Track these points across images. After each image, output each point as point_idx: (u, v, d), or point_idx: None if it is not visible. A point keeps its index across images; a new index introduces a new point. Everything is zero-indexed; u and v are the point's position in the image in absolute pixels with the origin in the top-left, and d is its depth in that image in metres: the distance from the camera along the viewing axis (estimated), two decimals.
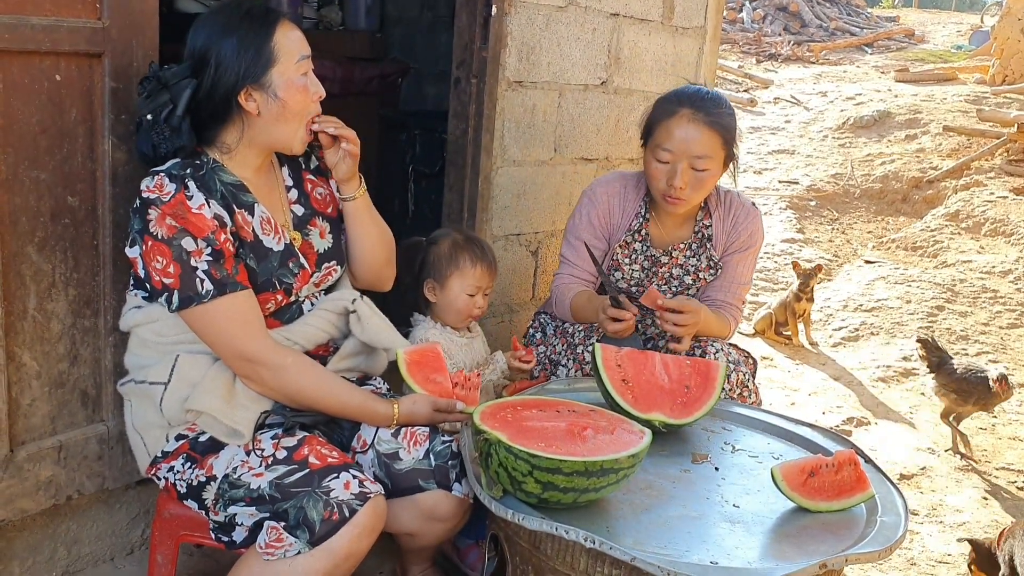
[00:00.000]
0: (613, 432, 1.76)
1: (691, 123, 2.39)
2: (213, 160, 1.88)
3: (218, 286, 1.77)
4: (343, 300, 2.04)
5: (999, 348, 4.66)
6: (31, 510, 2.04)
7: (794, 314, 4.72)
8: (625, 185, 2.64)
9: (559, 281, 2.67)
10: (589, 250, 2.49)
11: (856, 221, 7.16)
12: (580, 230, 2.63)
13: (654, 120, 2.49)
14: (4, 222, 1.84)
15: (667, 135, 2.41)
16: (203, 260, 1.77)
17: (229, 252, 1.81)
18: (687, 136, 2.39)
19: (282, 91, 1.83)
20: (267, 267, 1.90)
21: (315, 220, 2.04)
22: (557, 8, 3.02)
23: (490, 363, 2.44)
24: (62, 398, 2.05)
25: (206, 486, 1.83)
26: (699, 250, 2.63)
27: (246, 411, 1.85)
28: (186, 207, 1.77)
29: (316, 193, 2.07)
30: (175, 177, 1.78)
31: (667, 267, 2.63)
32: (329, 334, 2.03)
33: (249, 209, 1.89)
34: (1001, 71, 10.28)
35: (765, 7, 16.21)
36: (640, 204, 2.62)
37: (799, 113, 9.48)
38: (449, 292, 2.44)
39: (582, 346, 2.53)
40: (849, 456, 1.83)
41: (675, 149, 2.40)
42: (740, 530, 1.68)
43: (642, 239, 2.62)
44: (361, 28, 4.75)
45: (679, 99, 2.45)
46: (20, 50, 1.80)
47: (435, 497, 1.95)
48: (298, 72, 1.85)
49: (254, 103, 1.83)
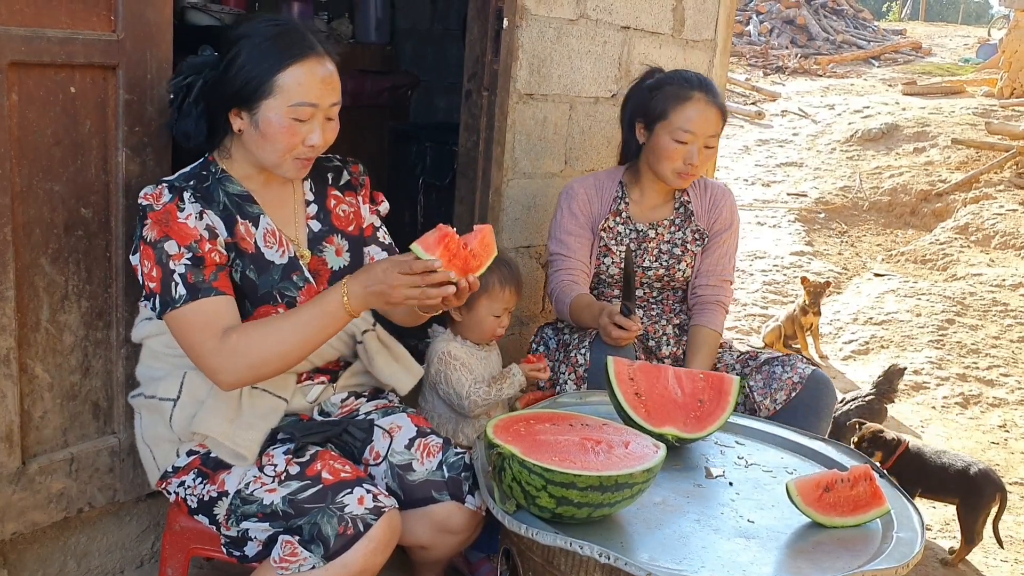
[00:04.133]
0: (627, 446, 1.75)
1: (707, 106, 2.57)
2: (221, 171, 1.88)
3: (191, 291, 1.74)
4: (355, 327, 2.03)
5: (1010, 362, 4.63)
6: (42, 523, 2.03)
7: (801, 327, 4.71)
8: (597, 178, 2.78)
9: (556, 279, 2.69)
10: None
11: (865, 234, 7.14)
12: (565, 222, 2.70)
13: (666, 104, 2.59)
14: (18, 234, 1.85)
15: (687, 119, 2.55)
16: (181, 264, 1.74)
17: (212, 261, 1.78)
18: (706, 119, 2.56)
19: (263, 125, 1.77)
20: (268, 279, 1.89)
21: (332, 237, 2.02)
22: (568, 21, 3.02)
23: (507, 377, 2.42)
24: (74, 410, 2.04)
25: (218, 501, 1.82)
26: (683, 224, 2.75)
27: (252, 431, 1.83)
28: (173, 216, 1.76)
29: (339, 210, 2.04)
30: (175, 188, 1.79)
31: (655, 242, 2.73)
32: (339, 352, 2.03)
33: (253, 220, 1.88)
34: (1009, 84, 10.28)
35: (772, 20, 16.25)
36: (616, 190, 2.74)
37: (807, 126, 9.48)
38: (477, 313, 2.42)
39: (575, 350, 2.52)
40: (864, 471, 1.82)
41: (696, 131, 2.55)
42: (755, 545, 1.67)
43: (624, 220, 2.72)
44: (372, 41, 4.77)
45: (688, 83, 2.60)
46: (36, 62, 1.80)
47: (448, 509, 1.94)
48: (289, 116, 1.76)
49: (240, 122, 1.81)
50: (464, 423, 2.43)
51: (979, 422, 4.02)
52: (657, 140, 2.60)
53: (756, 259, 6.23)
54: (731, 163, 8.46)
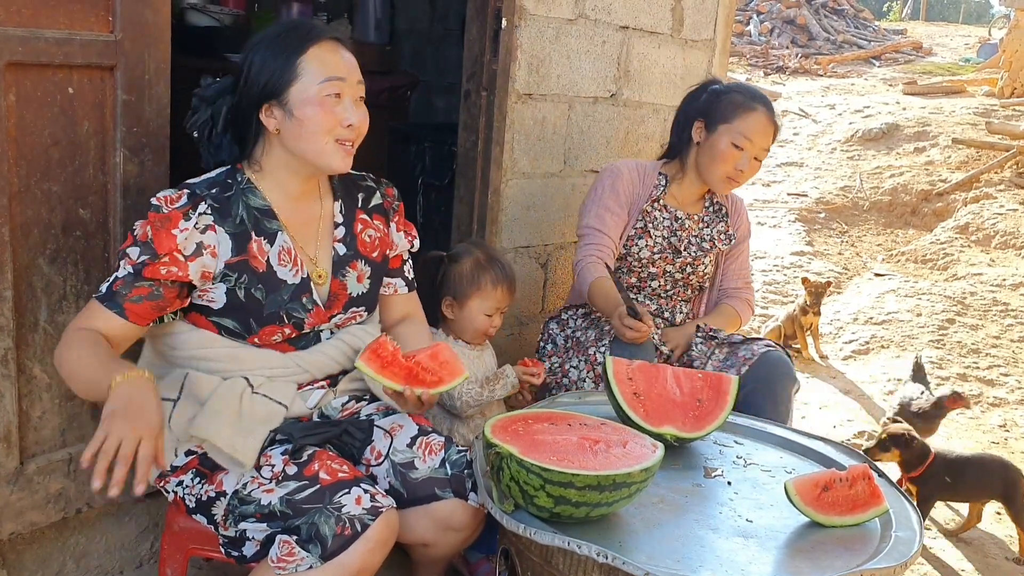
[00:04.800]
0: (625, 446, 1.74)
1: (768, 121, 2.69)
2: (247, 180, 1.87)
3: (106, 295, 1.74)
4: (362, 343, 2.02)
5: (1010, 361, 4.63)
6: (41, 523, 2.03)
7: (801, 327, 4.71)
8: (639, 164, 2.86)
9: (583, 254, 2.71)
10: (610, 270, 2.59)
11: (865, 234, 7.14)
12: (606, 198, 2.75)
13: (733, 110, 2.68)
14: (16, 234, 1.85)
15: (752, 128, 2.66)
16: (124, 269, 1.74)
17: (159, 275, 1.73)
18: (765, 131, 2.69)
19: (298, 109, 1.78)
20: (276, 299, 1.88)
21: (356, 263, 2.01)
22: (567, 21, 3.02)
23: (500, 378, 2.42)
24: (72, 411, 2.05)
25: (216, 501, 1.82)
26: (713, 223, 2.88)
27: (251, 437, 1.82)
28: (172, 224, 1.75)
29: (365, 235, 2.03)
30: (195, 196, 1.79)
31: (688, 231, 2.82)
32: (342, 366, 2.03)
33: (270, 237, 1.87)
34: (1010, 84, 10.27)
35: (773, 20, 16.24)
36: (658, 178, 2.82)
37: (807, 126, 9.47)
38: (468, 312, 2.42)
39: (594, 347, 2.56)
40: (863, 470, 1.82)
41: (754, 140, 2.66)
42: (753, 545, 1.67)
43: (661, 208, 2.82)
44: (371, 41, 4.77)
45: (753, 96, 2.71)
46: (34, 63, 1.81)
47: (451, 506, 1.94)
48: (321, 92, 1.78)
49: (274, 120, 1.81)
50: (459, 423, 2.43)
51: (979, 422, 4.01)
52: (716, 141, 2.68)
53: (756, 259, 6.23)
54: None
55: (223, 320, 1.86)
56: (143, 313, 1.77)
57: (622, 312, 2.43)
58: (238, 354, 1.89)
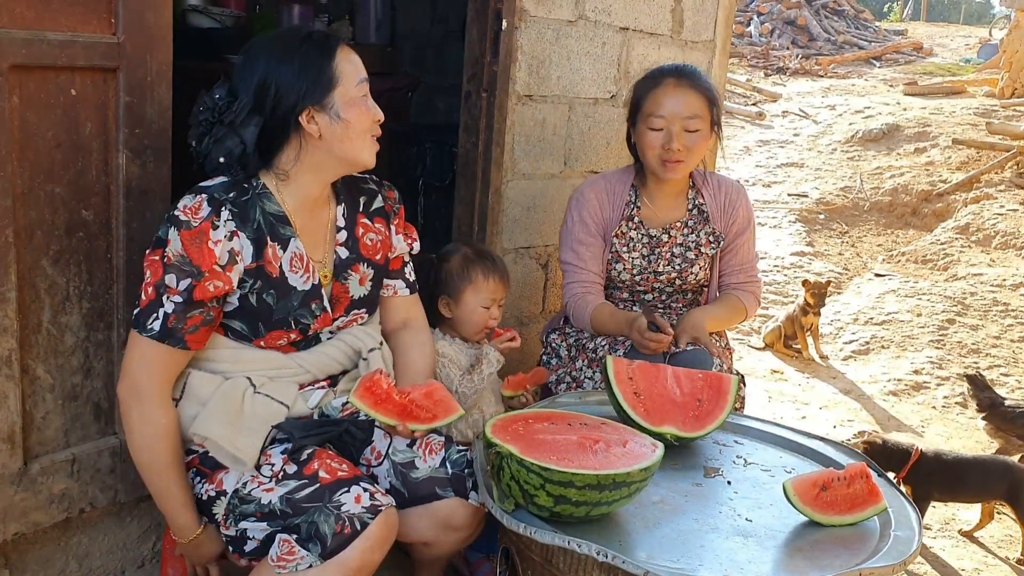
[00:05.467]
0: (625, 445, 1.75)
1: (677, 88, 2.54)
2: (262, 186, 1.87)
3: (163, 333, 1.74)
4: (362, 343, 2.03)
5: (1010, 362, 4.64)
6: (44, 523, 2.04)
7: (801, 328, 4.72)
8: (608, 180, 2.73)
9: (571, 292, 2.67)
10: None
11: (866, 234, 7.15)
12: (576, 231, 2.68)
13: (640, 95, 2.60)
14: (20, 236, 1.86)
15: (656, 103, 2.54)
16: (170, 302, 1.74)
17: (208, 295, 1.76)
18: (677, 99, 2.53)
19: (344, 111, 1.82)
20: (286, 305, 1.88)
21: (358, 266, 2.02)
22: (567, 22, 3.03)
23: (483, 359, 2.41)
24: (75, 411, 2.05)
25: (216, 500, 1.83)
26: (697, 226, 2.73)
27: (252, 435, 1.83)
28: (206, 236, 1.75)
29: (367, 238, 2.04)
30: (214, 201, 1.78)
31: (667, 246, 2.70)
32: (343, 365, 2.04)
33: (283, 243, 1.87)
34: (1010, 84, 10.27)
35: (773, 21, 16.25)
36: (628, 193, 2.71)
37: (808, 126, 9.49)
38: (464, 307, 2.44)
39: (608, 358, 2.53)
40: (861, 469, 1.82)
41: (667, 114, 2.52)
42: (753, 544, 1.68)
43: (636, 225, 2.69)
44: (372, 42, 4.78)
45: (660, 72, 2.60)
46: (37, 65, 1.81)
47: (451, 505, 1.95)
48: (359, 93, 1.85)
49: (316, 125, 1.82)
50: (458, 420, 2.43)
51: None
52: (638, 134, 2.61)
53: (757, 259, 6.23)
54: (732, 164, 8.46)
55: (232, 322, 1.87)
56: (201, 338, 1.81)
57: (641, 326, 2.41)
58: (241, 355, 1.90)
